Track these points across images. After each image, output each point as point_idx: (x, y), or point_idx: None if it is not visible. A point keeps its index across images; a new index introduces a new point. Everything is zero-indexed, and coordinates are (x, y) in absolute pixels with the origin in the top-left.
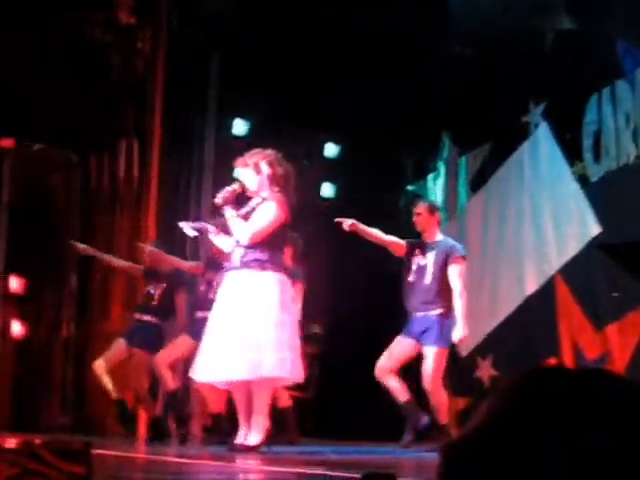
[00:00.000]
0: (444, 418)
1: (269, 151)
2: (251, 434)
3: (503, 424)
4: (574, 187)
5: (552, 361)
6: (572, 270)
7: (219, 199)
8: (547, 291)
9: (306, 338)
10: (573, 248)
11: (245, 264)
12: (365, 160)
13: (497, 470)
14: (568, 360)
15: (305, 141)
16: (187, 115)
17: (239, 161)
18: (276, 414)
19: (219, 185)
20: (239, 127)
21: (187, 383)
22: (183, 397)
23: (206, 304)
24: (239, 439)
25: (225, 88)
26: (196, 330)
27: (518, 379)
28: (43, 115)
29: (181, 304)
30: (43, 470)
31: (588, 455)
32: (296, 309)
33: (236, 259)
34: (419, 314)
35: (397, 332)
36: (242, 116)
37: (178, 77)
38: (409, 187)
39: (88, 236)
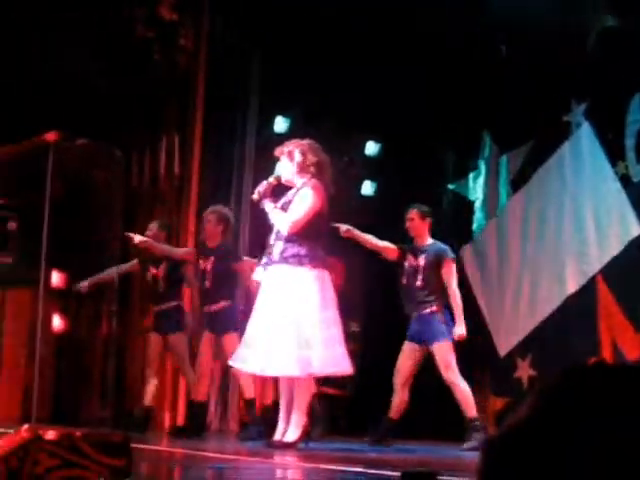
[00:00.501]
0: (471, 411)
1: (305, 140)
2: (289, 430)
3: (544, 420)
4: (616, 187)
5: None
6: (613, 270)
7: (256, 194)
8: (587, 291)
9: (345, 336)
10: (614, 248)
11: (284, 259)
12: (406, 159)
13: (537, 466)
14: (608, 361)
15: (346, 139)
16: (228, 112)
17: (278, 150)
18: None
19: (259, 182)
20: (280, 124)
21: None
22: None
23: (209, 298)
24: (277, 435)
25: (266, 85)
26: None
27: (559, 375)
28: (85, 110)
29: (190, 275)
30: (83, 462)
31: (628, 450)
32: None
33: (276, 253)
34: (414, 314)
35: None
36: (283, 113)
37: (219, 74)
38: (450, 186)
39: (129, 232)
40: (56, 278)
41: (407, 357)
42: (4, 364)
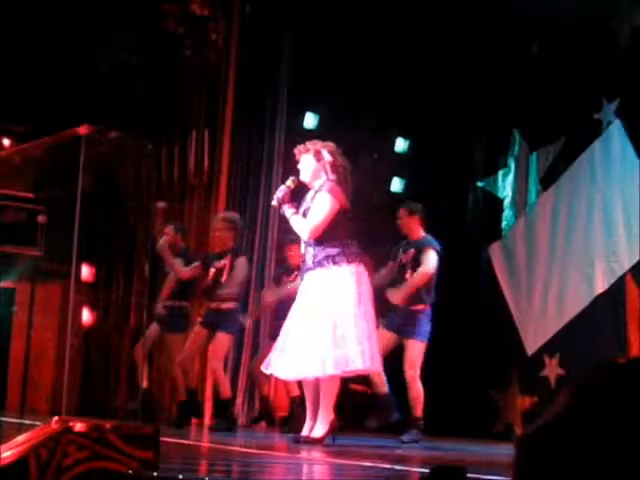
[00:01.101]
0: (419, 410)
1: (329, 142)
2: (316, 426)
3: (578, 417)
4: None
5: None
6: None
7: (275, 200)
8: (617, 290)
9: None
10: None
11: (318, 263)
12: (435, 156)
13: (572, 462)
14: None
15: (375, 136)
16: (258, 107)
17: (300, 148)
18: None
19: (288, 177)
20: (309, 120)
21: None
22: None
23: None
24: (304, 431)
25: (296, 81)
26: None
27: (592, 373)
28: (117, 104)
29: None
30: (112, 454)
31: None
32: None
33: (309, 260)
34: (401, 307)
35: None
36: (312, 109)
37: (250, 69)
38: (479, 183)
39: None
40: (85, 272)
41: (383, 342)
42: (33, 357)
